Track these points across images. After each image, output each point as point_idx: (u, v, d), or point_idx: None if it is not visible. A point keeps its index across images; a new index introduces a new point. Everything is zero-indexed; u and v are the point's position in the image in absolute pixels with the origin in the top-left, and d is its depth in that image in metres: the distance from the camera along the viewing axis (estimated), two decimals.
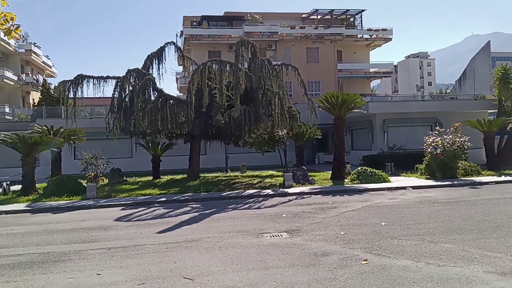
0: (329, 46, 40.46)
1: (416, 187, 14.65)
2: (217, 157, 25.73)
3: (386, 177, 16.32)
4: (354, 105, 17.70)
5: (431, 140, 16.91)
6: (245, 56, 16.30)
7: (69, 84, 17.25)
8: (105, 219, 10.41)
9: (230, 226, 9.04)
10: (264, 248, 6.98)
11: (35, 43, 40.74)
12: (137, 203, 12.82)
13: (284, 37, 39.46)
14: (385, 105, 26.08)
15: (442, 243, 6.93)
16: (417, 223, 8.68)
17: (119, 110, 17.53)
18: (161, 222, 9.73)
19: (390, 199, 12.37)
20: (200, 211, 11.31)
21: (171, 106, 16.78)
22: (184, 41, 39.67)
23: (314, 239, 7.58)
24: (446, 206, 10.79)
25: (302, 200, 12.92)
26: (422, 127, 22.29)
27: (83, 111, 29.91)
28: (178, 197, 13.69)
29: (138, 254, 6.87)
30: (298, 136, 21.53)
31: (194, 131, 17.20)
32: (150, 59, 18.76)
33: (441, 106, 25.43)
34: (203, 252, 6.84)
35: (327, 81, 39.68)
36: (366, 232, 7.99)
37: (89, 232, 8.86)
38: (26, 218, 11.14)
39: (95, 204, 12.70)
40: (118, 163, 22.04)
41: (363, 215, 9.84)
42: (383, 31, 41.98)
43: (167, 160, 22.46)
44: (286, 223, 9.21)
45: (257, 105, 16.77)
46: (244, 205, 12.14)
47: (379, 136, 23.74)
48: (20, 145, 14.85)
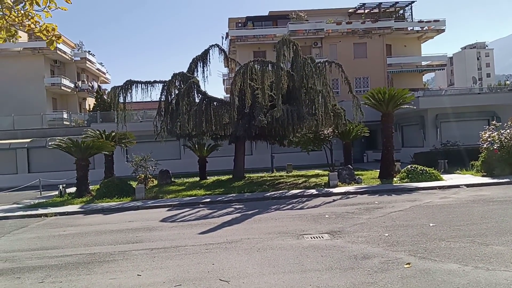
0: (378, 41, 39.20)
1: (470, 185, 13.80)
2: (263, 157, 25.84)
3: (438, 175, 15.52)
4: (403, 100, 17.00)
5: (487, 135, 15.87)
6: (287, 55, 16.16)
7: (119, 90, 18.02)
8: (151, 220, 10.76)
9: (271, 227, 9.00)
10: (303, 250, 6.88)
11: (90, 51, 43.17)
12: (182, 204, 13.14)
13: (330, 34, 38.76)
14: (437, 99, 24.80)
15: (494, 245, 6.46)
16: (468, 223, 8.15)
17: (166, 113, 18.06)
18: (204, 223, 9.89)
19: (441, 198, 11.74)
20: (242, 211, 11.38)
21: (215, 108, 17.05)
22: (230, 42, 40.21)
23: (356, 241, 7.35)
24: (502, 205, 10.05)
25: (347, 200, 12.60)
26: (478, 122, 20.97)
27: (136, 114, 31.27)
28: (222, 198, 13.86)
29: (178, 255, 7.03)
30: (344, 134, 21.05)
31: (237, 132, 17.35)
32: (195, 62, 19.18)
33: (498, 98, 23.78)
34: (241, 254, 6.86)
35: (376, 76, 38.49)
36: (412, 233, 7.63)
37: (135, 232, 9.19)
38: (79, 219, 11.78)
39: (143, 205, 13.18)
40: (167, 164, 22.78)
41: (411, 216, 9.41)
42: (435, 22, 39.99)
43: (213, 161, 22.89)
44: (328, 224, 9.02)
45: (300, 104, 16.59)
46: (287, 206, 12.05)
47: (431, 132, 22.65)
48: (73, 149, 15.74)
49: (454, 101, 23.32)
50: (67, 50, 39.40)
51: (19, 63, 36.01)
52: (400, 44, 40.77)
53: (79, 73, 42.44)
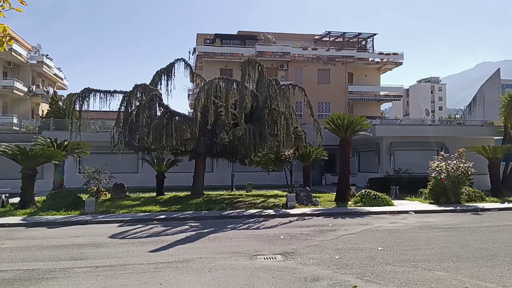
0: (341, 68, 40.62)
1: (418, 212, 14.40)
2: (224, 175, 25.67)
3: (389, 200, 16.08)
4: (360, 127, 17.60)
5: (436, 164, 16.69)
6: (252, 75, 16.40)
7: (76, 97, 17.51)
8: (100, 236, 10.37)
9: (225, 247, 8.93)
10: (255, 271, 6.86)
11: (48, 55, 41.64)
12: (135, 220, 12.78)
13: (296, 58, 39.77)
14: (392, 128, 25.90)
15: (435, 271, 6.74)
16: (414, 248, 8.47)
17: (125, 124, 17.69)
18: (156, 241, 9.65)
19: (391, 223, 12.14)
20: (198, 230, 11.22)
21: (177, 122, 16.88)
22: (197, 58, 40.24)
23: (308, 262, 7.43)
24: (445, 232, 10.55)
25: (303, 221, 12.75)
26: (429, 152, 22.01)
27: (93, 124, 30.34)
28: (178, 215, 13.61)
29: (125, 274, 6.79)
30: (305, 157, 21.42)
31: (198, 148, 17.24)
32: (159, 75, 19.00)
33: (447, 131, 25.17)
34: (191, 274, 6.74)
35: (338, 102, 39.71)
36: (361, 256, 7.82)
37: (80, 248, 8.81)
38: (20, 232, 11.14)
39: (92, 220, 12.68)
40: (123, 178, 22.13)
41: (361, 239, 9.66)
42: (394, 55, 42.11)
43: (172, 177, 22.49)
44: (282, 245, 9.07)
45: (262, 124, 16.79)
46: (244, 225, 12.02)
47: (386, 159, 23.51)
48: (20, 157, 14.92)
49: (407, 131, 24.42)
50: (23, 52, 37.81)
51: None
52: (361, 73, 42.48)
53: (34, 77, 40.75)
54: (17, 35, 39.44)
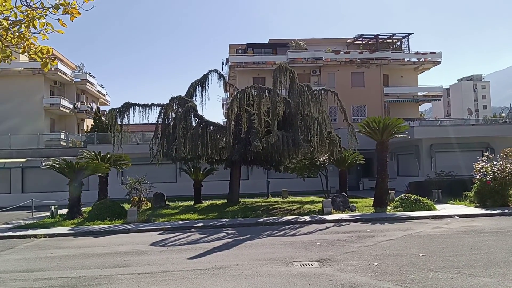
0: (375, 70, 39.87)
1: (463, 216, 13.78)
2: (259, 182, 25.77)
3: (431, 204, 15.52)
4: (397, 130, 17.16)
5: (480, 166, 15.96)
6: (283, 82, 16.44)
7: (117, 112, 18.22)
8: (141, 244, 10.68)
9: (261, 254, 8.95)
10: (291, 278, 6.84)
11: (90, 73, 43.65)
12: (174, 228, 13.07)
13: (329, 63, 39.45)
14: (432, 129, 25.04)
15: (481, 277, 6.44)
16: (458, 254, 8.13)
17: (163, 136, 18.18)
18: (194, 248, 9.83)
19: (433, 228, 11.71)
20: (234, 237, 11.31)
21: (211, 132, 17.18)
22: (230, 68, 40.83)
23: (345, 269, 7.32)
24: (492, 236, 10.04)
25: (340, 227, 12.55)
26: (472, 153, 21.12)
27: (134, 137, 31.39)
28: (215, 223, 13.79)
29: (165, 280, 6.97)
30: (340, 162, 21.14)
31: (233, 156, 17.44)
32: (194, 86, 19.44)
33: (492, 130, 24.03)
34: (228, 280, 6.81)
35: (373, 105, 38.93)
36: (402, 263, 7.60)
37: (123, 256, 9.12)
38: (68, 242, 11.67)
39: (135, 229, 13.09)
40: (163, 187, 22.73)
41: (402, 245, 9.38)
42: (431, 54, 40.85)
43: (208, 185, 22.84)
44: (319, 251, 8.98)
45: (295, 130, 16.75)
46: (280, 232, 11.99)
47: (426, 162, 22.75)
48: (67, 170, 15.71)
49: (448, 132, 23.52)
50: (68, 72, 39.84)
51: (19, 83, 36.29)
52: (397, 75, 41.46)
53: (78, 94, 42.77)
54: (61, 55, 41.66)
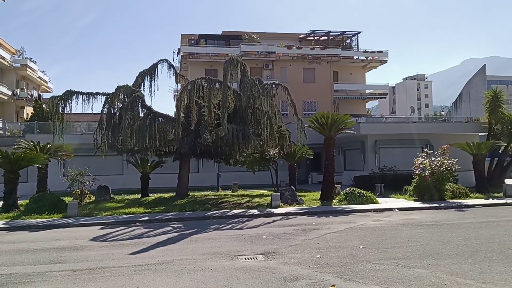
0: (326, 67, 40.76)
1: (402, 209, 14.48)
2: (210, 175, 25.56)
3: (374, 198, 16.16)
4: (344, 125, 17.65)
5: (420, 162, 16.83)
6: (234, 75, 16.31)
7: (58, 100, 17.22)
8: (81, 239, 10.20)
9: (206, 248, 8.84)
10: (234, 272, 6.80)
11: (31, 58, 41.01)
12: (118, 222, 12.61)
13: (281, 57, 39.79)
14: (377, 126, 26.08)
15: (415, 268, 6.76)
16: (395, 246, 8.50)
17: (108, 126, 17.43)
18: (137, 243, 9.53)
19: (374, 221, 12.18)
20: (180, 231, 11.11)
21: (160, 123, 16.72)
22: (181, 58, 39.99)
23: (289, 262, 7.40)
24: (428, 229, 10.61)
25: (287, 221, 12.72)
26: (414, 149, 22.16)
27: (79, 126, 29.94)
28: (161, 216, 13.47)
29: (103, 277, 6.68)
30: (289, 156, 21.45)
31: (182, 149, 17.11)
32: (142, 76, 18.78)
33: (432, 128, 25.45)
34: (170, 276, 6.65)
35: (323, 101, 39.83)
36: (343, 255, 7.82)
37: (60, 252, 8.65)
38: (1, 237, 10.90)
39: (75, 223, 12.48)
40: (109, 180, 21.90)
41: (344, 238, 9.66)
42: (378, 53, 42.41)
43: (157, 178, 22.30)
44: (264, 244, 9.03)
45: (246, 124, 16.72)
46: (227, 226, 11.94)
47: (371, 157, 23.65)
48: (1, 160, 14.66)
49: (392, 129, 24.60)
50: (6, 56, 37.14)
51: None
52: (346, 72, 42.67)
53: (18, 80, 40.03)
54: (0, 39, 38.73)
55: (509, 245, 8.40)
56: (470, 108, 44.25)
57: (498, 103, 21.92)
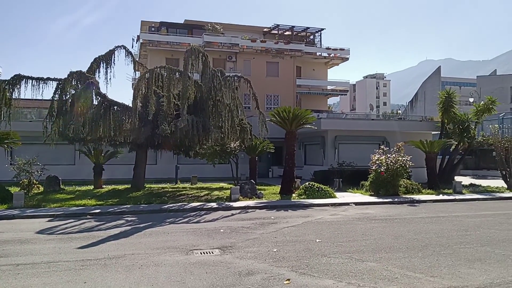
0: (289, 62, 41.00)
1: (358, 203, 14.78)
2: (168, 167, 25.02)
3: (332, 193, 16.39)
4: (305, 120, 17.75)
5: (376, 158, 17.24)
6: (196, 65, 15.94)
7: (6, 84, 16.15)
8: (26, 231, 9.60)
9: (161, 242, 8.56)
10: (188, 267, 6.59)
11: None
12: (67, 215, 11.99)
13: (245, 50, 39.59)
14: (337, 122, 26.50)
15: (368, 262, 6.84)
16: (350, 240, 8.60)
17: (59, 114, 16.49)
18: (87, 236, 9.08)
19: (331, 215, 12.33)
20: (134, 224, 10.73)
21: (115, 112, 16.07)
22: (141, 46, 38.86)
23: (245, 256, 7.28)
24: (382, 223, 10.86)
25: (245, 214, 12.62)
26: (371, 145, 22.78)
27: (30, 113, 28.35)
28: (114, 209, 12.95)
29: (47, 272, 6.27)
30: (250, 149, 21.37)
31: (139, 139, 16.56)
32: (97, 62, 17.89)
33: (388, 126, 26.19)
34: (120, 271, 6.34)
35: (286, 95, 40.09)
36: (299, 249, 7.80)
37: (2, 245, 8.07)
38: None
39: (20, 214, 11.75)
40: (59, 170, 20.94)
41: (301, 231, 9.68)
42: (341, 51, 43.18)
43: (111, 169, 21.56)
44: (221, 238, 8.86)
45: (206, 116, 16.40)
46: (184, 219, 11.66)
47: (330, 152, 24.03)
48: None
49: (351, 125, 25.09)
50: None
51: None
52: (309, 68, 43.16)
53: None
54: None
55: (457, 239, 8.72)
56: (425, 107, 46.08)
57: (451, 103, 22.84)
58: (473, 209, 13.84)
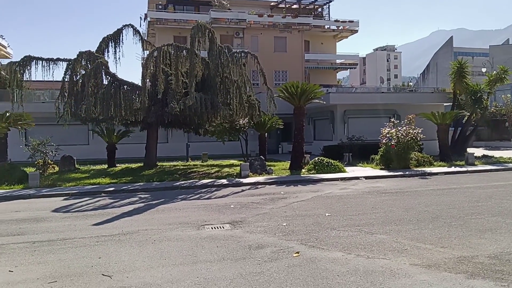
0: (297, 36, 40.35)
1: (369, 177, 14.80)
2: (179, 145, 25.26)
3: (342, 167, 16.41)
4: (314, 95, 17.62)
5: (387, 131, 17.12)
6: (202, 42, 15.82)
7: (16, 66, 16.32)
8: (42, 210, 9.87)
9: (173, 218, 8.75)
10: (200, 241, 6.75)
11: None
12: (82, 193, 12.27)
13: (252, 25, 39.01)
14: (346, 96, 26.25)
15: (378, 234, 6.91)
16: (360, 213, 8.67)
17: (70, 94, 16.69)
18: (101, 214, 9.31)
19: (341, 189, 12.40)
20: (147, 201, 10.94)
21: (125, 92, 16.18)
22: (149, 24, 38.54)
23: (255, 230, 7.41)
24: (392, 196, 10.89)
25: (255, 190, 12.75)
26: (381, 119, 22.48)
27: (43, 95, 28.61)
28: (128, 187, 13.22)
29: (63, 248, 6.48)
30: (260, 126, 21.37)
31: (149, 118, 16.68)
32: (106, 41, 17.94)
33: (399, 98, 25.86)
34: (134, 246, 6.53)
35: (294, 71, 39.65)
36: (308, 223, 7.90)
37: (20, 224, 8.34)
38: None
39: (36, 194, 12.06)
40: (74, 150, 21.30)
41: (311, 206, 9.77)
42: (349, 23, 42.27)
43: (124, 148, 21.84)
44: (232, 214, 9.01)
45: (214, 93, 16.40)
46: (195, 195, 11.86)
47: (340, 127, 23.91)
48: None
49: (361, 99, 24.83)
50: None
51: None
52: (318, 41, 42.45)
53: None
54: None
55: (468, 210, 8.73)
56: (437, 79, 45.25)
57: (463, 73, 22.39)
58: (485, 180, 13.77)
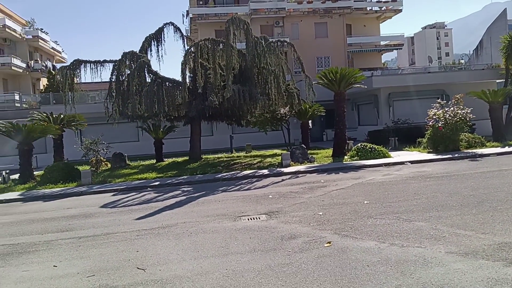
0: (338, 20, 39.32)
1: (414, 162, 14.21)
2: (224, 138, 25.66)
3: (386, 152, 15.90)
4: (354, 80, 17.15)
5: (433, 113, 16.32)
6: (237, 34, 15.89)
7: (66, 70, 17.29)
8: (91, 206, 10.48)
9: (211, 210, 8.95)
10: (234, 233, 6.86)
11: (42, 29, 41.18)
12: (129, 188, 12.87)
13: (292, 13, 38.52)
14: (390, 78, 25.24)
15: (416, 221, 6.66)
16: (400, 200, 8.38)
17: (117, 94, 17.45)
18: (145, 208, 9.72)
19: (384, 175, 12.03)
20: (189, 194, 11.26)
21: (167, 88, 16.63)
22: (191, 21, 39.22)
23: (290, 220, 7.41)
24: (437, 181, 10.41)
25: (295, 179, 12.71)
26: (429, 100, 21.39)
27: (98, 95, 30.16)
28: (172, 181, 13.67)
29: (105, 243, 6.85)
30: (301, 114, 21.23)
31: (190, 113, 17.09)
32: (148, 41, 18.54)
33: (447, 77, 24.47)
34: (171, 239, 6.77)
35: (337, 56, 38.74)
36: (345, 211, 7.77)
37: (69, 220, 8.91)
38: (16, 207, 11.34)
39: (87, 191, 12.82)
40: (125, 147, 22.33)
41: (350, 194, 9.59)
42: (393, 3, 40.52)
43: (171, 143, 22.55)
44: (269, 204, 9.06)
45: (252, 84, 16.47)
46: (235, 187, 12.03)
47: (385, 111, 23.11)
48: (13, 133, 14.99)
49: (406, 80, 23.76)
50: (17, 28, 37.26)
51: None
52: (360, 24, 41.10)
53: (31, 52, 40.31)
54: (8, 9, 38.66)
55: None
56: (491, 54, 42.22)
57: None
58: None
